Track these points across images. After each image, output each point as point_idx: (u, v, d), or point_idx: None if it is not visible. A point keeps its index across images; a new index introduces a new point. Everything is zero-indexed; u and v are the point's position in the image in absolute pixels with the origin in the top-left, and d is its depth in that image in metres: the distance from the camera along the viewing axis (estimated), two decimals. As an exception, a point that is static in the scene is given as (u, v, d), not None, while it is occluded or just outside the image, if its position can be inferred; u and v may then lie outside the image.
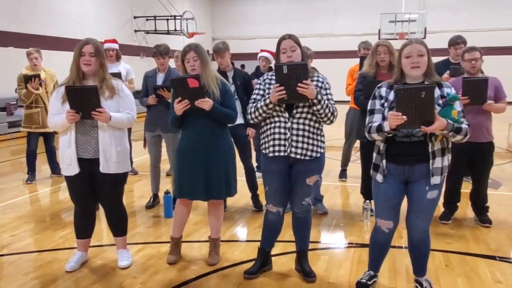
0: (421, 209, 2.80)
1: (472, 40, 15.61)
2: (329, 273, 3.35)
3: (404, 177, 2.77)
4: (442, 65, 5.39)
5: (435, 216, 4.48)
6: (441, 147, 2.70)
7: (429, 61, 2.69)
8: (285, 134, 2.97)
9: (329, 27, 19.82)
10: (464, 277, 3.26)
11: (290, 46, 2.97)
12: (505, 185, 5.83)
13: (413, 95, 2.47)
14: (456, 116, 2.61)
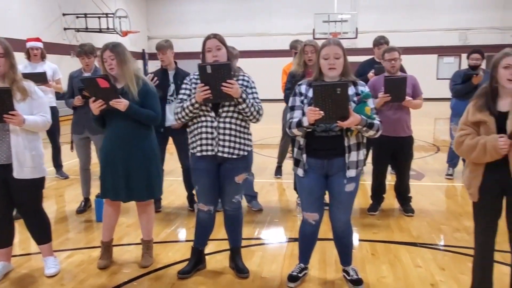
0: (341, 202, 2.95)
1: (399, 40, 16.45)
2: (262, 268, 3.42)
3: (324, 171, 2.90)
4: (367, 64, 5.67)
5: (363, 208, 4.75)
6: (357, 142, 2.85)
7: (345, 62, 2.83)
8: (212, 134, 3.01)
9: (265, 27, 20.07)
10: (388, 264, 3.46)
11: (215, 45, 3.00)
12: (428, 176, 6.23)
13: (329, 91, 2.60)
14: (369, 113, 2.78)
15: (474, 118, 2.59)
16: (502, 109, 2.53)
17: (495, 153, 2.46)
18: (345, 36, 17.05)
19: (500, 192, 2.61)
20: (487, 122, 2.53)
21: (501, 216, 2.66)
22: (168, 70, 4.52)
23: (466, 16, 18.78)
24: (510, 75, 2.46)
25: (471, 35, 18.76)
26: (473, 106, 2.62)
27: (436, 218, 4.45)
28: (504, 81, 2.50)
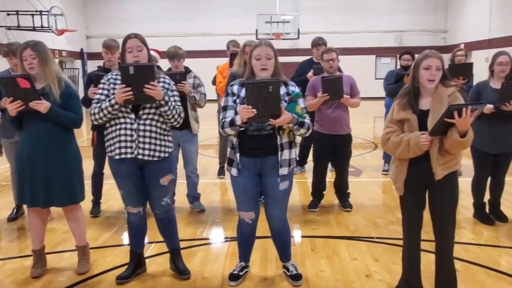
0: (275, 200, 3.01)
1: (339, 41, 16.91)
2: (204, 268, 3.43)
3: (257, 169, 2.95)
4: (306, 64, 5.82)
5: (304, 205, 4.87)
6: (289, 140, 2.93)
7: (276, 63, 2.89)
8: (131, 136, 2.94)
9: (208, 27, 19.99)
10: (327, 258, 3.58)
11: (137, 45, 2.94)
12: (366, 172, 6.49)
13: (262, 89, 2.65)
14: (300, 112, 2.86)
15: (398, 116, 2.74)
16: (423, 108, 2.70)
17: (417, 149, 2.62)
18: (287, 36, 17.35)
19: (423, 186, 2.78)
20: (410, 120, 2.69)
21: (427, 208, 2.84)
22: (112, 70, 4.40)
23: (401, 19, 19.69)
24: (430, 75, 2.63)
25: (406, 37, 19.71)
26: (397, 105, 2.77)
27: (372, 212, 4.66)
28: (424, 81, 2.66)
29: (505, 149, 4.10)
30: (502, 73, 4.01)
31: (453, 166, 2.70)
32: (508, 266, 3.39)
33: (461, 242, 3.81)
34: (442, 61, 2.67)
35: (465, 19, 18.41)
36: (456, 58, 5.67)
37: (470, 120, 2.46)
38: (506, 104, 3.84)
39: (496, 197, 4.35)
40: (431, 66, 2.63)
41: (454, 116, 2.44)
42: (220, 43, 19.41)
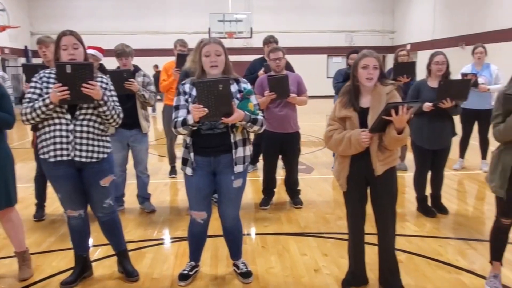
0: (229, 198, 3.02)
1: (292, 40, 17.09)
2: (153, 269, 3.38)
3: (211, 168, 2.94)
4: (258, 62, 5.85)
5: (256, 203, 4.91)
6: (242, 138, 2.94)
7: (226, 60, 2.89)
8: (67, 137, 2.82)
9: (160, 25, 19.68)
10: (277, 254, 3.62)
11: (72, 43, 2.82)
12: (317, 169, 6.62)
13: (212, 87, 2.65)
14: (252, 109, 2.88)
15: (340, 114, 2.82)
16: (364, 106, 2.79)
17: (358, 146, 2.70)
18: (240, 35, 17.39)
19: (365, 182, 2.88)
20: (352, 117, 2.77)
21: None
22: (50, 67, 4.24)
23: (351, 20, 20.24)
24: (368, 74, 2.72)
25: (356, 37, 20.26)
26: (339, 103, 2.85)
27: (322, 208, 4.76)
28: (363, 80, 2.75)
29: (442, 145, 4.31)
30: (439, 72, 4.21)
31: (391, 162, 2.80)
32: (447, 255, 3.56)
33: (405, 235, 3.97)
34: (379, 60, 2.76)
35: (410, 21, 19.16)
36: (399, 58, 5.90)
37: (406, 118, 2.56)
38: (443, 102, 4.03)
39: (437, 190, 4.57)
40: (368, 65, 2.71)
41: (391, 113, 2.54)
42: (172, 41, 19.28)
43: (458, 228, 4.16)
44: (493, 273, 3.01)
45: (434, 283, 3.11)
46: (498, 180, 2.76)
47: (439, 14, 16.82)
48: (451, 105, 4.05)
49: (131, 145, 4.50)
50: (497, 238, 2.98)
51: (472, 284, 3.09)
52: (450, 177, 5.76)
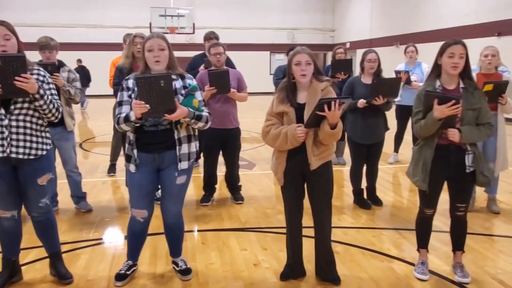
0: (172, 194, 2.98)
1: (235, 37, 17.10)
2: (88, 271, 3.26)
3: (155, 165, 2.89)
4: (199, 58, 5.81)
5: (197, 199, 4.87)
6: (187, 134, 2.90)
7: (170, 55, 2.84)
8: (2, 133, 2.68)
9: (99, 18, 19.00)
10: (217, 251, 3.62)
11: (4, 34, 2.67)
12: (258, 165, 6.68)
13: (153, 83, 2.59)
14: (197, 105, 2.85)
15: (277, 110, 2.87)
16: (300, 101, 2.85)
17: (294, 140, 2.76)
18: (182, 31, 17.17)
19: (301, 176, 2.94)
20: (288, 113, 2.83)
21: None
22: None
23: (293, 17, 20.57)
24: (301, 70, 2.78)
25: (298, 35, 20.64)
26: (276, 98, 2.90)
27: (263, 204, 4.81)
28: (297, 76, 2.81)
29: (376, 139, 4.50)
30: (371, 69, 4.39)
31: (326, 157, 2.89)
32: (380, 245, 3.72)
33: (342, 227, 4.10)
34: (312, 56, 2.82)
35: (350, 20, 19.79)
36: (337, 55, 6.08)
37: (338, 113, 2.64)
38: (376, 99, 4.21)
39: (372, 183, 4.76)
40: (300, 61, 2.77)
41: (324, 109, 2.61)
42: (112, 35, 18.67)
43: (391, 219, 4.36)
44: (421, 260, 3.19)
45: (367, 272, 3.23)
46: (420, 174, 2.92)
47: (376, 14, 17.50)
48: (383, 102, 4.23)
49: (56, 143, 4.25)
50: (421, 227, 3.16)
51: (402, 271, 3.25)
52: (385, 171, 6.02)
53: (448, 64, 2.80)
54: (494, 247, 3.69)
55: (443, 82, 2.91)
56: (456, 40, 2.84)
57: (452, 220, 3.11)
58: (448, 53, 2.80)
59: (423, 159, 2.91)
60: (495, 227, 4.17)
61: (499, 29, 11.36)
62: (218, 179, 4.98)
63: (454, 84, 2.90)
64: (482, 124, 2.86)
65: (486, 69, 4.23)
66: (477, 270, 3.25)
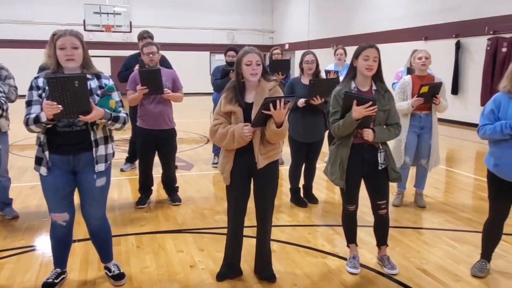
0: (93, 198, 2.87)
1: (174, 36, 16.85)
2: (13, 281, 3.08)
3: (70, 167, 2.77)
4: (133, 58, 5.69)
5: (133, 202, 4.75)
6: (104, 136, 2.81)
7: (85, 54, 2.74)
8: None
9: (28, 14, 17.99)
10: (152, 254, 3.55)
11: None
12: (197, 166, 6.63)
13: (67, 84, 2.48)
14: (114, 106, 2.77)
15: (225, 109, 2.87)
16: (248, 101, 2.88)
17: (241, 140, 2.77)
18: (119, 29, 16.68)
19: (248, 175, 2.96)
20: (236, 112, 2.84)
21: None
22: None
23: (233, 18, 20.62)
24: (252, 70, 2.80)
25: (238, 35, 20.71)
26: (224, 98, 2.90)
27: (201, 205, 4.78)
28: (248, 76, 2.83)
29: (316, 138, 4.62)
30: (309, 70, 4.50)
31: (273, 156, 2.92)
32: (314, 241, 3.83)
33: (279, 225, 4.17)
34: (261, 56, 2.86)
35: (288, 22, 20.16)
36: (273, 55, 6.17)
37: (284, 112, 2.69)
38: (314, 99, 4.32)
39: (309, 181, 4.88)
40: (251, 61, 2.80)
41: (270, 108, 2.64)
42: (42, 32, 17.75)
43: (325, 216, 4.49)
44: (352, 254, 3.31)
45: (302, 269, 3.31)
46: (338, 172, 3.04)
47: (313, 17, 17.96)
48: (321, 102, 4.34)
49: None
50: (347, 223, 3.29)
51: (336, 266, 3.36)
52: (321, 169, 6.15)
53: (363, 66, 2.94)
54: (419, 239, 3.91)
55: (358, 84, 3.05)
56: (370, 44, 2.99)
57: (375, 219, 3.25)
58: (363, 55, 2.94)
59: (340, 157, 3.03)
60: (421, 220, 4.42)
61: (426, 33, 12.05)
62: (155, 180, 4.89)
63: (368, 86, 3.05)
64: (391, 125, 3.05)
65: (420, 71, 4.45)
66: (403, 262, 3.43)
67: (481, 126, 2.97)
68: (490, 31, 10.26)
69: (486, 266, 3.25)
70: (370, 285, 3.09)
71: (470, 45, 11.00)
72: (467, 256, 3.54)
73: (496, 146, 2.96)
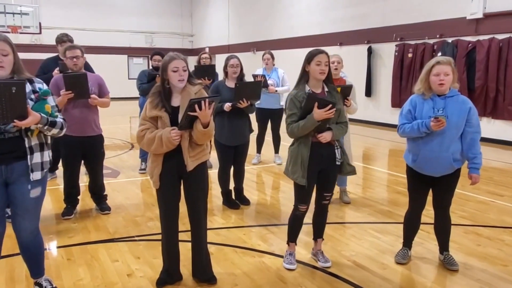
0: (27, 210, 2.70)
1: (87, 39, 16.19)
2: None
3: (2, 178, 2.60)
4: (52, 61, 5.44)
5: (58, 213, 4.53)
6: (39, 142, 2.69)
7: (15, 59, 2.60)
8: None
9: None
10: (85, 265, 3.41)
11: None
12: (123, 172, 6.45)
13: (3, 90, 2.35)
14: (50, 111, 2.66)
15: (151, 114, 2.86)
16: (174, 105, 2.89)
17: (169, 143, 2.78)
18: (27, 30, 15.64)
19: (178, 178, 2.97)
20: (162, 117, 2.84)
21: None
22: None
23: (151, 21, 20.23)
24: (179, 76, 2.83)
25: (156, 38, 20.36)
26: (149, 103, 2.88)
27: (131, 212, 4.67)
28: (175, 82, 2.85)
29: (242, 141, 4.72)
30: (234, 74, 4.61)
31: (202, 157, 2.96)
32: (250, 242, 3.92)
33: (213, 228, 4.20)
34: (187, 62, 2.90)
35: (208, 26, 20.22)
36: (202, 60, 6.20)
37: (209, 112, 2.75)
38: (240, 102, 4.41)
39: (239, 183, 4.97)
40: (178, 68, 2.82)
41: (195, 109, 2.69)
42: None
43: (258, 216, 4.61)
44: (289, 251, 3.45)
45: (241, 268, 3.39)
46: (300, 171, 3.17)
47: (233, 21, 18.19)
48: (247, 105, 4.45)
49: None
50: (294, 224, 3.42)
51: (273, 263, 3.48)
52: (250, 171, 6.31)
53: (317, 70, 3.11)
54: (347, 233, 4.17)
55: (311, 87, 3.21)
56: (320, 49, 3.17)
57: (316, 209, 3.43)
58: (315, 61, 3.11)
59: (301, 156, 3.16)
60: (346, 215, 4.71)
61: (340, 39, 12.75)
62: (81, 189, 4.69)
63: (320, 88, 3.23)
64: (342, 123, 3.25)
65: (333, 74, 4.72)
66: (335, 255, 3.64)
67: (400, 125, 3.25)
68: (397, 38, 11.14)
69: (408, 253, 3.56)
70: (306, 279, 3.24)
71: (380, 51, 11.83)
72: (390, 245, 3.84)
73: (414, 142, 3.26)
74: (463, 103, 3.14)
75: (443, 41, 10.04)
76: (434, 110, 3.10)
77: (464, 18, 9.54)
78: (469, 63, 9.51)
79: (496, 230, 4.27)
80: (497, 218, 4.61)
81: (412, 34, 10.77)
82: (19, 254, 2.95)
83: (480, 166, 3.20)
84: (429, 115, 3.09)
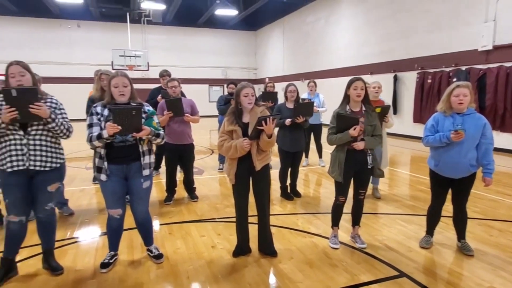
0: (140, 197, 2.89)
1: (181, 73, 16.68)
2: (76, 263, 3.06)
3: (123, 174, 2.80)
4: (156, 90, 5.71)
5: (161, 200, 4.74)
6: (148, 148, 2.87)
7: (132, 89, 2.80)
8: (21, 150, 2.57)
9: (67, 57, 17.81)
10: (181, 238, 3.55)
11: (19, 71, 2.56)
12: (207, 171, 6.63)
13: (128, 112, 2.56)
14: (155, 126, 2.83)
15: (228, 128, 2.94)
16: (245, 121, 2.95)
17: (242, 150, 2.85)
18: (139, 68, 16.60)
19: (248, 176, 3.02)
20: (236, 130, 2.91)
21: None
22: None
23: (226, 59, 20.77)
24: (249, 100, 2.90)
25: (229, 71, 20.84)
26: (227, 120, 2.97)
27: (213, 200, 4.80)
28: (245, 104, 2.92)
29: (299, 148, 4.70)
30: (292, 97, 4.62)
31: (266, 160, 3.01)
32: (302, 225, 3.88)
33: (274, 214, 4.21)
34: (254, 89, 2.96)
35: (268, 61, 20.38)
36: (268, 87, 6.27)
37: (273, 126, 2.79)
38: (298, 118, 4.42)
39: (294, 181, 4.94)
40: (248, 93, 2.89)
41: (262, 124, 2.74)
42: (78, 71, 17.59)
43: (308, 206, 4.56)
44: (333, 234, 3.39)
45: (295, 245, 3.37)
46: (337, 170, 3.13)
47: (286, 58, 18.22)
48: (303, 120, 4.45)
49: None
50: (336, 211, 3.35)
51: (320, 243, 3.43)
52: (300, 171, 6.25)
53: (354, 94, 3.07)
54: (379, 221, 4.02)
55: (351, 107, 3.16)
56: (357, 77, 3.11)
57: (354, 202, 3.35)
58: (353, 86, 3.06)
59: (338, 159, 3.12)
60: (378, 207, 4.53)
61: (371, 69, 12.36)
62: (177, 183, 4.88)
63: (358, 107, 3.16)
64: (376, 136, 3.15)
65: (374, 97, 4.59)
66: (369, 238, 3.51)
67: (425, 136, 3.10)
68: (419, 67, 10.60)
69: (430, 240, 3.36)
70: (346, 256, 3.16)
71: (404, 78, 11.33)
72: (415, 233, 3.65)
73: (436, 150, 3.09)
74: (479, 119, 2.95)
75: (458, 69, 9.43)
76: (454, 125, 2.93)
77: (476, 50, 8.91)
78: (480, 86, 8.85)
79: (506, 223, 3.93)
80: (506, 213, 4.24)
81: (431, 64, 10.21)
82: (135, 228, 3.15)
83: (493, 171, 2.98)
84: (449, 129, 2.92)
